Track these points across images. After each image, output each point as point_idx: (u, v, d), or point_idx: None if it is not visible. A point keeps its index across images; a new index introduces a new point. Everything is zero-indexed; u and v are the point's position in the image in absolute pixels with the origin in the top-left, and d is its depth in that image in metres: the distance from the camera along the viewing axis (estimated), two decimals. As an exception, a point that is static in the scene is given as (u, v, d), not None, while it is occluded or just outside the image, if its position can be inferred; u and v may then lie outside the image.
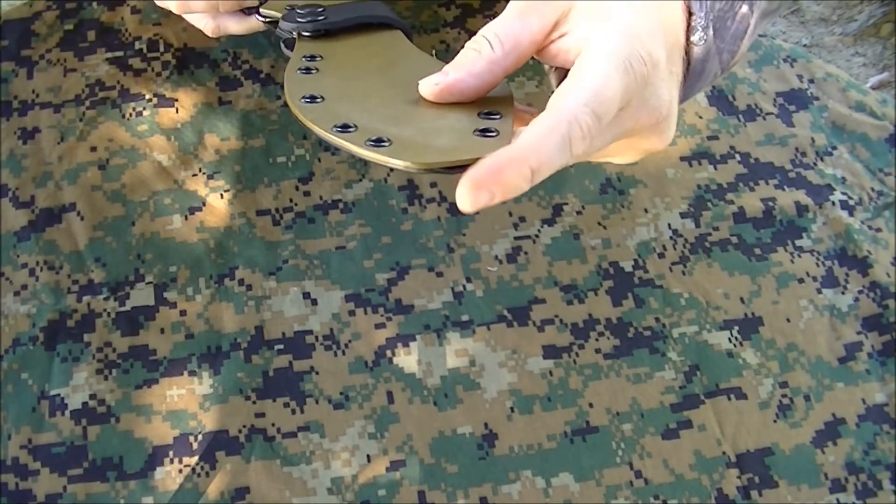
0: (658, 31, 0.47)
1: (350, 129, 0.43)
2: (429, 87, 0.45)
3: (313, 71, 0.50)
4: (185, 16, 0.65)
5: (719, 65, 0.54)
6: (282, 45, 0.59)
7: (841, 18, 1.81)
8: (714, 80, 0.55)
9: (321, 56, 0.52)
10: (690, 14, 0.49)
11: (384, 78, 0.49)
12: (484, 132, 0.43)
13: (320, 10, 0.55)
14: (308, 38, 0.54)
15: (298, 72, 0.50)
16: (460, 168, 0.41)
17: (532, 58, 0.48)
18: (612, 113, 0.43)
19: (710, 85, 0.61)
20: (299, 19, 0.55)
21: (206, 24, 0.65)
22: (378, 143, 0.42)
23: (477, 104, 0.45)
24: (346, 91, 0.48)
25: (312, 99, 0.46)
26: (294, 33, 0.55)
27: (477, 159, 0.40)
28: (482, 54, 0.45)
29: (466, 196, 0.40)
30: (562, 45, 0.47)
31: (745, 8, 0.53)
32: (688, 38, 0.50)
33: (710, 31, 0.51)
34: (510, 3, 0.47)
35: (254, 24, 0.64)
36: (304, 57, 0.51)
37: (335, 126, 0.43)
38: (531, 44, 0.46)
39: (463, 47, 0.46)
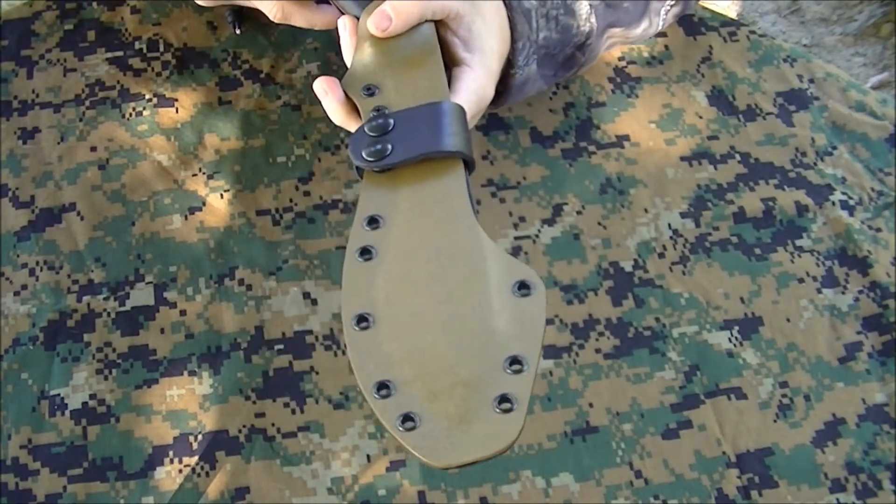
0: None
1: (387, 388, 0.47)
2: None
3: (372, 256, 0.52)
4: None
5: (545, 83, 0.69)
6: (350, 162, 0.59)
7: (841, 18, 1.81)
8: (543, 90, 0.70)
9: (381, 218, 0.54)
10: (514, 48, 0.63)
11: (434, 287, 0.51)
12: (500, 402, 0.46)
13: (387, 135, 0.56)
14: (374, 171, 0.56)
15: (356, 256, 0.53)
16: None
17: None
18: None
19: (540, 91, 0.71)
20: (366, 156, 0.55)
21: (271, 7, 0.65)
22: (406, 420, 0.46)
23: (500, 347, 0.48)
24: (395, 310, 0.50)
25: (362, 319, 0.50)
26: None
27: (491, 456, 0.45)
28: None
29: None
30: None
31: (579, 40, 0.67)
32: (508, 66, 0.64)
33: (533, 66, 0.66)
34: None
35: (318, 18, 0.65)
36: (364, 225, 0.54)
37: (377, 382, 0.47)
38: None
39: None
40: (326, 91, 0.60)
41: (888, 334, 0.68)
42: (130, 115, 0.73)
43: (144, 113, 0.73)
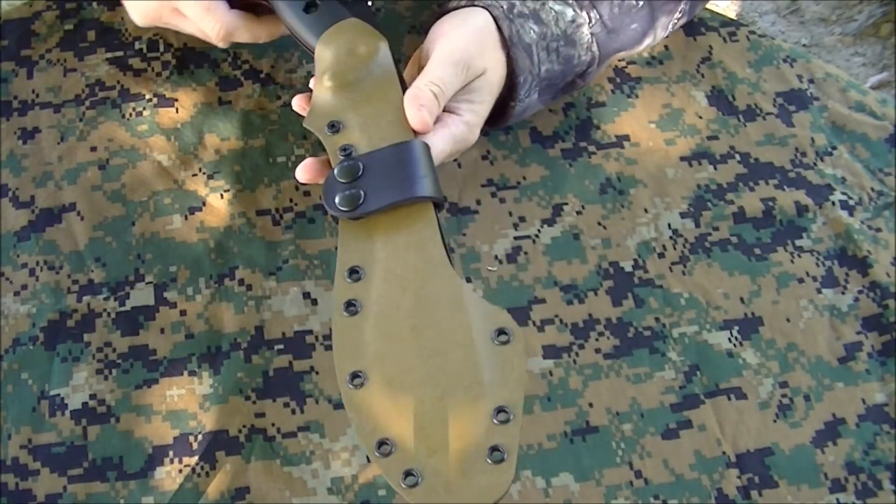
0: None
1: (387, 445, 0.49)
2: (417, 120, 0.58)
3: (357, 309, 0.54)
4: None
5: (542, 105, 0.70)
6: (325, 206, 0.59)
7: (840, 18, 1.82)
8: (540, 109, 0.71)
9: (361, 269, 0.55)
10: (514, 85, 0.65)
11: (421, 341, 0.53)
12: (492, 452, 0.49)
13: (358, 181, 0.57)
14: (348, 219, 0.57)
15: (342, 310, 0.54)
16: None
17: None
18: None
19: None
20: (340, 205, 0.56)
21: (214, 26, 0.65)
22: (408, 475, 0.48)
23: (488, 398, 0.50)
24: (386, 367, 0.52)
25: (355, 376, 0.51)
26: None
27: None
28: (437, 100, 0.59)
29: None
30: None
31: (581, 68, 0.68)
32: (509, 98, 0.66)
33: (534, 96, 0.67)
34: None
35: (263, 31, 0.66)
36: (346, 277, 0.55)
37: (377, 441, 0.49)
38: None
39: None
40: (304, 109, 0.61)
41: (888, 334, 0.68)
42: (130, 115, 0.73)
43: (144, 113, 0.73)
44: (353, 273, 0.55)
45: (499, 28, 0.64)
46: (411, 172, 0.56)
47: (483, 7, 0.64)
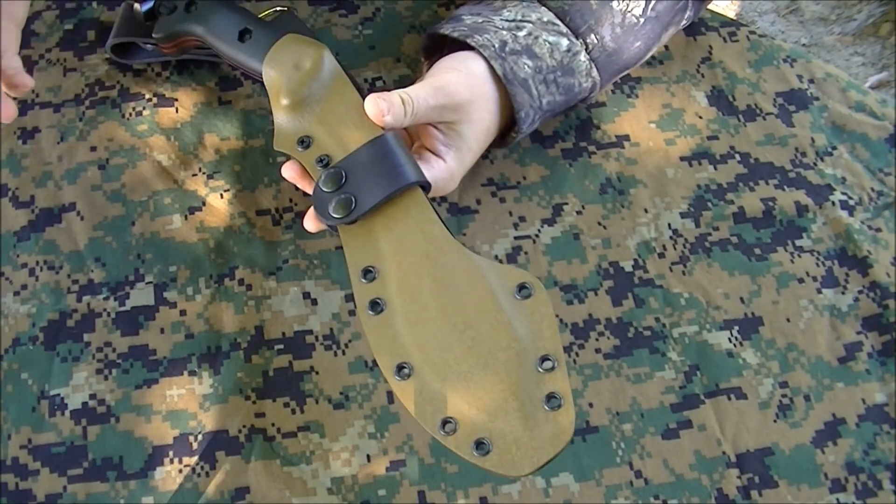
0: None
1: (451, 423, 0.51)
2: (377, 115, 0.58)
3: (382, 308, 0.55)
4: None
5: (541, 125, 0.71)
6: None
7: (840, 18, 1.82)
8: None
9: (374, 268, 0.56)
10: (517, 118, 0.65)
11: (451, 318, 0.54)
12: (548, 400, 0.50)
13: (344, 186, 0.57)
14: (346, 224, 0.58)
15: (368, 311, 0.55)
16: None
17: None
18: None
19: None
20: (334, 214, 0.57)
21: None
22: (479, 446, 0.50)
23: (528, 352, 0.52)
24: (427, 352, 0.53)
25: (400, 368, 0.53)
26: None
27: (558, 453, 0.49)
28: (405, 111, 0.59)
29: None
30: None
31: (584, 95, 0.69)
32: (509, 130, 0.67)
33: (535, 125, 0.68)
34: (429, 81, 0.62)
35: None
36: (361, 279, 0.56)
37: (441, 421, 0.51)
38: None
39: None
40: (296, 179, 0.61)
41: (888, 334, 0.68)
42: (130, 115, 0.73)
43: (144, 113, 0.73)
44: (367, 273, 0.56)
45: (492, 67, 0.64)
46: (392, 164, 0.57)
47: (476, 48, 0.64)
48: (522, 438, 0.49)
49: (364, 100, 0.59)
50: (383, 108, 0.58)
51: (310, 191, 0.60)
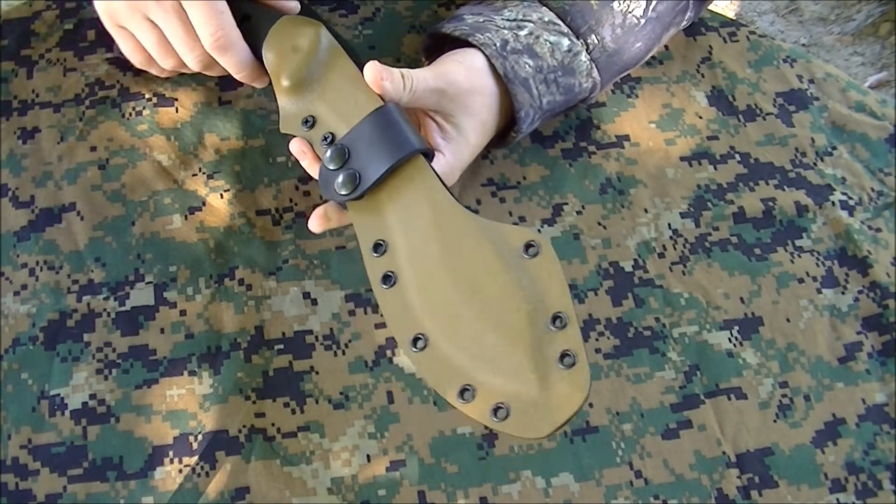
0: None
1: (468, 390, 0.51)
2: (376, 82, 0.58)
3: (394, 280, 0.56)
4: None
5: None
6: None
7: (839, 18, 1.82)
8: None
9: (383, 242, 0.57)
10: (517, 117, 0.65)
11: (460, 284, 0.54)
12: (562, 359, 0.50)
13: (349, 162, 0.58)
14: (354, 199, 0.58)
15: (381, 285, 0.56)
16: None
17: None
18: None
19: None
20: (341, 191, 0.57)
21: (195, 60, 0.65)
22: (497, 411, 0.50)
23: (539, 311, 0.51)
24: (440, 320, 0.53)
25: (416, 340, 0.53)
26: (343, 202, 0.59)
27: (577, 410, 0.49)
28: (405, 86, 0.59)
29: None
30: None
31: (583, 95, 0.69)
32: (509, 129, 0.67)
33: (535, 125, 0.68)
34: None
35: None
36: (372, 254, 0.57)
37: (458, 390, 0.51)
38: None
39: None
40: (304, 152, 0.61)
41: (888, 334, 0.68)
42: (130, 114, 0.73)
43: (144, 113, 0.73)
44: (378, 247, 0.56)
45: (493, 66, 0.64)
46: (394, 134, 0.57)
47: (478, 46, 0.64)
48: (539, 399, 0.49)
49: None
50: (382, 73, 0.58)
51: (312, 171, 0.61)
